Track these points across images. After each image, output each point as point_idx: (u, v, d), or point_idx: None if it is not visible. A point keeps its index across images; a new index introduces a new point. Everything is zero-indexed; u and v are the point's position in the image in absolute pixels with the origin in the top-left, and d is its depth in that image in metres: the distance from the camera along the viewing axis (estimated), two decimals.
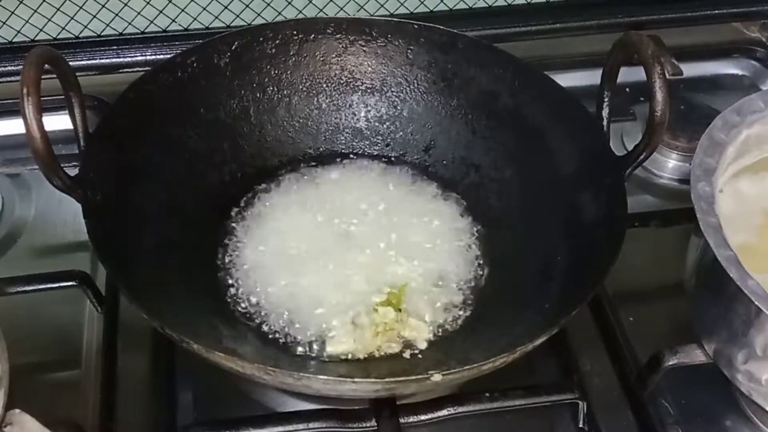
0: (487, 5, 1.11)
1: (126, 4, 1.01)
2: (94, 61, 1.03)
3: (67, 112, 0.75)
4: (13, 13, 1.00)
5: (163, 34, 1.05)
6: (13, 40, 1.03)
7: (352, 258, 0.82)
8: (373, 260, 0.82)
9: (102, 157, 0.75)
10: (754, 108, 0.77)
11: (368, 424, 0.70)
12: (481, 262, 0.83)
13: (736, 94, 0.80)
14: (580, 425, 0.73)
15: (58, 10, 1.00)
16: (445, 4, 1.09)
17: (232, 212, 0.85)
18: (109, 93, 0.87)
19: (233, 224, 0.85)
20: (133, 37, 1.04)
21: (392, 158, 0.92)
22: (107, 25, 1.03)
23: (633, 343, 0.79)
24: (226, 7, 1.04)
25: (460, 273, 0.82)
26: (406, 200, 0.89)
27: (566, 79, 0.88)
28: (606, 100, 0.81)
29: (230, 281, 0.80)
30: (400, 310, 0.77)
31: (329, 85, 0.92)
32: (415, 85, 0.92)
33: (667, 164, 0.99)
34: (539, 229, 0.82)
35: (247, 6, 1.05)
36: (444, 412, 0.71)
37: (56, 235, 0.87)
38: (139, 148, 0.80)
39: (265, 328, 0.76)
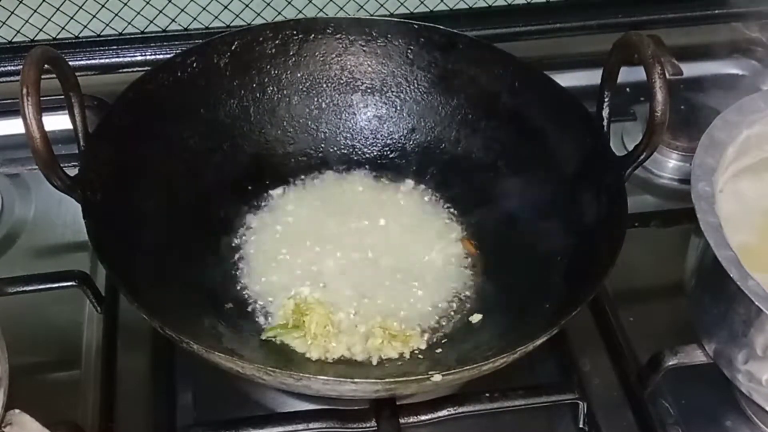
0: (487, 5, 1.11)
1: (126, 4, 1.01)
2: (93, 61, 1.03)
3: (67, 112, 0.75)
4: (12, 13, 1.00)
5: (163, 34, 1.05)
6: (13, 40, 1.03)
7: (353, 260, 0.82)
8: (374, 261, 0.82)
9: (102, 157, 0.75)
10: (755, 108, 0.77)
11: (368, 425, 0.70)
12: (481, 262, 0.83)
13: (736, 94, 0.80)
14: (580, 425, 0.73)
15: (58, 10, 1.00)
16: (445, 4, 1.09)
17: (231, 212, 0.85)
18: (109, 93, 0.87)
19: (233, 224, 0.84)
20: (132, 37, 1.04)
21: (392, 158, 0.92)
22: (107, 25, 1.03)
23: (633, 343, 0.79)
24: (225, 7, 1.04)
25: (460, 273, 0.82)
26: (405, 200, 0.89)
27: (566, 79, 0.88)
28: (606, 100, 0.81)
29: (230, 281, 0.80)
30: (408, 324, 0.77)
31: (329, 85, 0.92)
32: (415, 85, 0.92)
33: (668, 164, 0.99)
34: (539, 229, 0.82)
35: (247, 6, 1.04)
36: (444, 412, 0.71)
37: (56, 235, 0.87)
38: (139, 148, 0.80)
39: (265, 327, 0.76)
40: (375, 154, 0.92)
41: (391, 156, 0.92)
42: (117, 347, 0.77)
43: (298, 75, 0.91)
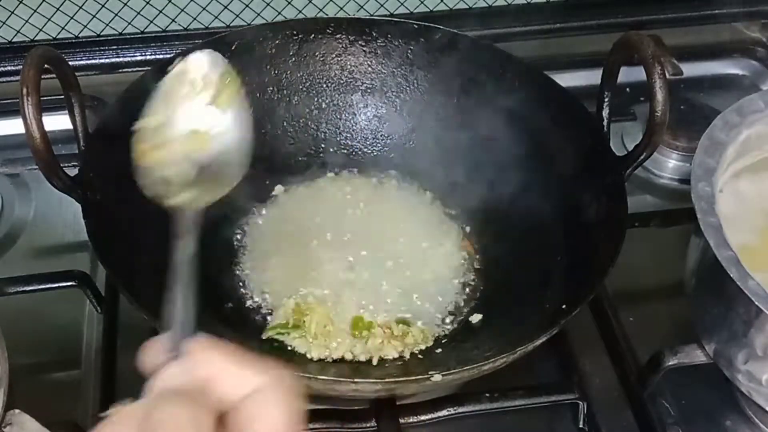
0: (487, 5, 1.11)
1: (125, 4, 1.01)
2: (93, 61, 1.03)
3: (67, 112, 0.75)
4: (12, 13, 1.00)
5: (163, 33, 1.05)
6: (13, 40, 1.02)
7: (352, 260, 0.82)
8: (373, 261, 0.82)
9: (102, 157, 0.75)
10: (755, 108, 0.77)
11: (368, 425, 0.70)
12: (481, 262, 0.83)
13: (736, 94, 0.80)
14: (580, 425, 0.73)
15: (58, 10, 1.00)
16: (445, 4, 1.09)
17: (231, 212, 0.85)
18: (109, 93, 0.87)
19: (233, 224, 0.84)
20: (132, 36, 1.04)
21: (392, 158, 0.92)
22: (107, 24, 1.03)
23: (633, 343, 0.79)
24: (225, 7, 1.04)
25: (460, 274, 0.82)
26: (405, 200, 0.89)
27: (566, 79, 0.88)
28: (606, 100, 0.81)
29: (230, 282, 0.80)
30: (408, 324, 0.77)
31: (329, 85, 0.92)
32: (415, 85, 0.92)
33: (668, 164, 0.99)
34: (539, 229, 0.82)
35: (247, 6, 1.04)
36: (444, 412, 0.71)
37: (56, 235, 0.87)
38: None
39: (265, 327, 0.76)
40: (375, 154, 0.92)
41: (391, 156, 0.92)
42: (117, 347, 0.77)
43: (298, 75, 0.91)
